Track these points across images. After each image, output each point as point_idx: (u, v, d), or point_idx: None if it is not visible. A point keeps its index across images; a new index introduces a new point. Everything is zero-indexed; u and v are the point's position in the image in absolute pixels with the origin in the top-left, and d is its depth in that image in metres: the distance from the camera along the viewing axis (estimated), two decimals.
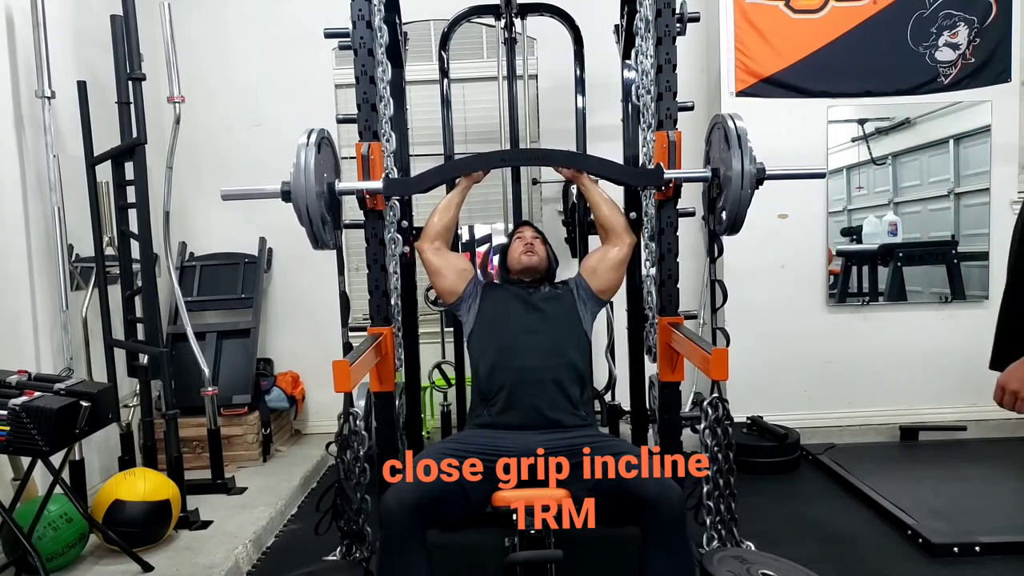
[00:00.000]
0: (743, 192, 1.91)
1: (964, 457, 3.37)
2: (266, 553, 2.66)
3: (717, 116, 2.06)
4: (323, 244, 2.02)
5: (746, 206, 1.95)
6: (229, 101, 3.85)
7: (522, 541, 1.82)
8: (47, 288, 2.77)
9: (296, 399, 3.79)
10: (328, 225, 2.04)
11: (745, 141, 1.93)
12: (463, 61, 3.64)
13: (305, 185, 1.90)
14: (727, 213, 2.01)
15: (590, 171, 2.32)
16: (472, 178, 2.32)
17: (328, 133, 2.09)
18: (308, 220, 1.93)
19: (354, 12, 2.13)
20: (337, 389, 1.76)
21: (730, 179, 1.94)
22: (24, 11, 2.67)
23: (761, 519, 2.67)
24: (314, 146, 1.94)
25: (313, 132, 1.98)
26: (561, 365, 2.14)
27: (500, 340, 2.21)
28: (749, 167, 1.91)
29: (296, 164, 1.91)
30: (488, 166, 2.34)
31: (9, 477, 2.49)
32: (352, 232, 2.93)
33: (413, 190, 2.35)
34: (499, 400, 2.10)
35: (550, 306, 2.31)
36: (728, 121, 1.98)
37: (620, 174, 2.37)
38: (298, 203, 1.91)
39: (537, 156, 2.37)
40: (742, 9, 3.55)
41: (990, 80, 3.57)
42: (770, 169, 1.96)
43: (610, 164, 2.25)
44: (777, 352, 3.64)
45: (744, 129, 1.96)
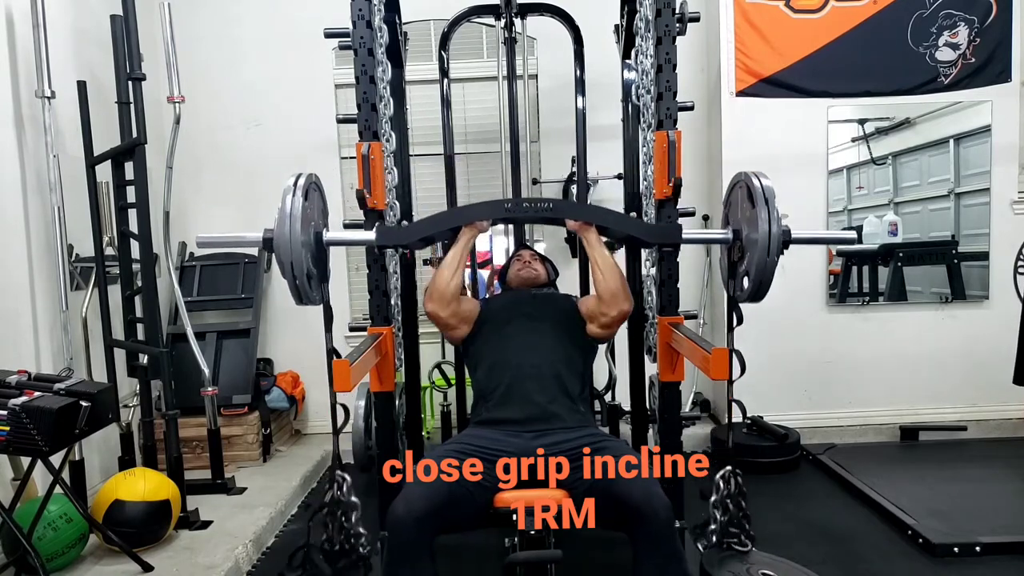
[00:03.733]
0: (769, 259, 1.75)
1: (964, 457, 3.37)
2: (266, 553, 2.66)
3: (740, 174, 1.92)
4: (308, 300, 1.79)
5: (772, 273, 1.78)
6: (229, 101, 3.85)
7: (522, 541, 1.82)
8: (47, 288, 2.77)
9: (296, 399, 3.79)
10: (314, 278, 1.83)
11: (772, 201, 1.76)
12: (463, 61, 3.64)
13: (290, 235, 1.69)
14: (751, 280, 1.83)
15: (602, 225, 2.14)
16: (476, 227, 2.17)
17: (317, 178, 1.90)
18: (292, 274, 1.72)
19: (354, 12, 2.13)
20: (337, 389, 1.76)
21: (755, 242, 1.78)
22: (24, 11, 2.67)
23: (761, 519, 2.66)
24: (301, 191, 1.75)
25: (301, 176, 1.80)
26: (560, 360, 2.13)
27: (499, 339, 2.21)
28: (776, 228, 1.74)
29: (281, 210, 1.71)
30: (491, 216, 2.20)
31: (9, 477, 2.49)
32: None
33: (408, 240, 2.15)
34: (497, 395, 2.09)
35: (550, 306, 2.32)
36: (753, 179, 1.82)
37: (635, 229, 2.20)
38: (281, 254, 1.70)
39: (546, 207, 2.14)
40: (742, 9, 3.55)
41: (990, 80, 3.57)
42: (797, 232, 1.81)
43: (625, 219, 2.10)
44: (777, 352, 3.64)
45: (771, 188, 1.79)
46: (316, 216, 1.89)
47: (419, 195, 3.35)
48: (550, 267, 2.62)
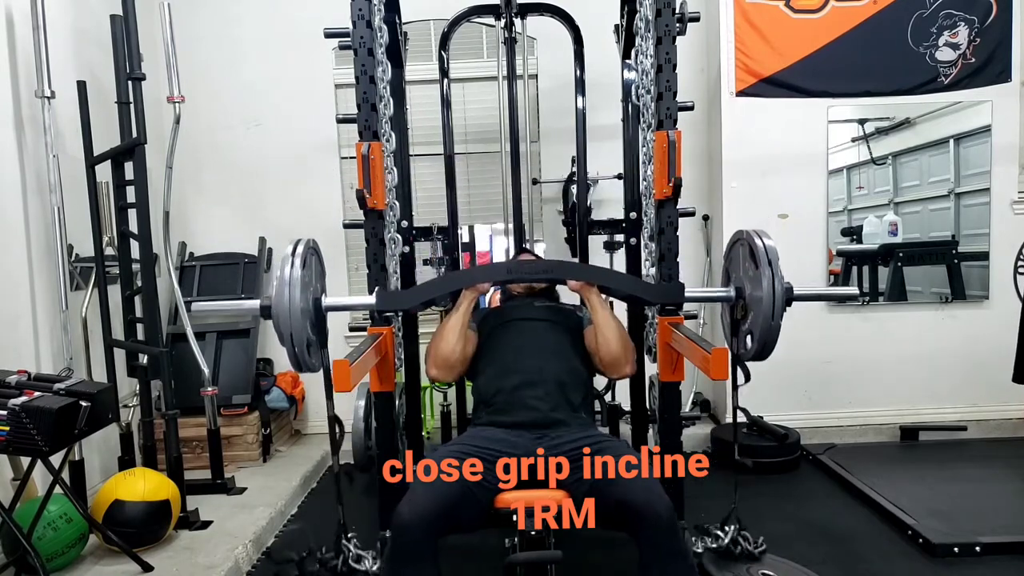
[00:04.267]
0: (774, 321, 1.78)
1: (964, 457, 3.37)
2: (266, 553, 2.66)
3: (739, 232, 1.94)
4: (306, 367, 1.81)
5: (776, 332, 1.81)
6: (229, 101, 3.85)
7: (522, 542, 1.82)
8: (47, 288, 2.77)
9: (296, 399, 3.79)
10: (313, 345, 1.84)
11: (776, 262, 1.78)
12: (463, 61, 3.64)
13: (289, 303, 1.70)
14: (756, 339, 1.87)
15: (603, 285, 2.15)
16: (477, 290, 2.17)
17: (315, 244, 1.90)
18: (291, 343, 1.73)
19: (354, 12, 2.13)
20: (337, 389, 1.76)
21: (759, 300, 1.81)
22: (24, 11, 2.67)
23: (761, 519, 2.66)
24: (300, 258, 1.76)
25: (300, 243, 1.81)
26: (564, 370, 2.12)
27: (501, 349, 2.19)
28: (779, 288, 1.77)
29: (279, 278, 1.73)
30: (492, 279, 2.20)
31: (9, 477, 2.49)
32: (352, 232, 2.94)
33: (409, 305, 2.15)
34: (499, 401, 2.08)
35: (553, 314, 2.31)
36: (755, 239, 1.84)
37: (636, 289, 2.20)
38: (280, 323, 1.72)
39: (546, 270, 2.15)
40: (742, 9, 3.55)
41: (990, 80, 3.57)
42: (799, 289, 1.82)
43: (626, 278, 2.08)
44: (777, 352, 3.60)
45: (774, 249, 1.80)
46: (314, 281, 1.88)
47: (419, 195, 3.35)
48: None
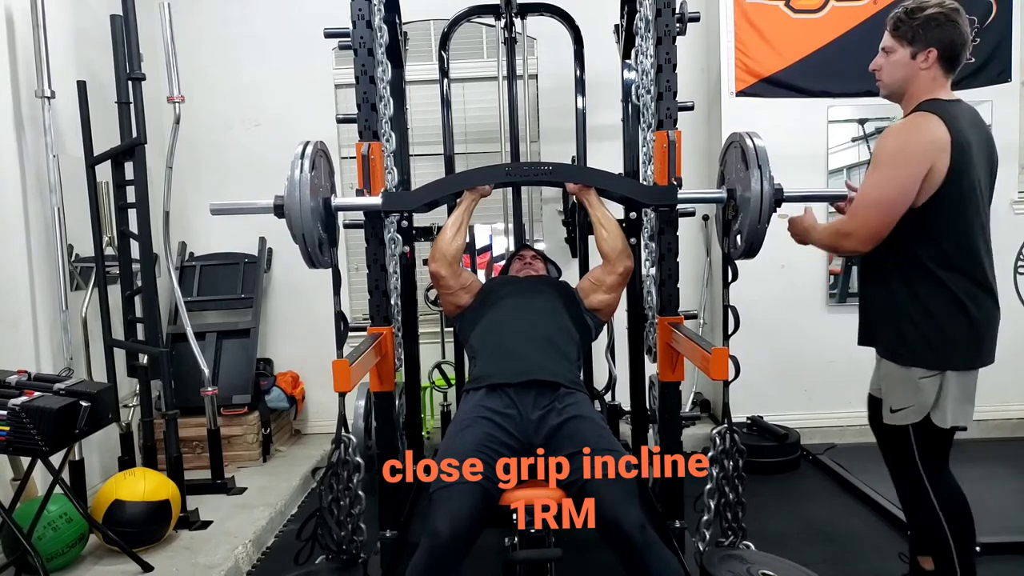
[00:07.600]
0: (762, 215, 1.84)
1: (964, 457, 3.34)
2: (266, 553, 2.66)
3: (734, 135, 2.00)
4: (318, 263, 1.93)
5: (764, 230, 1.88)
6: (229, 100, 3.85)
7: (522, 541, 1.82)
8: (47, 288, 2.77)
9: (296, 399, 3.79)
10: (324, 243, 1.95)
11: (765, 161, 1.85)
12: (463, 61, 3.64)
13: (300, 201, 1.80)
14: (744, 237, 1.93)
15: (601, 187, 2.21)
16: (479, 191, 2.23)
17: (324, 145, 1.99)
18: (303, 238, 1.85)
19: (354, 12, 2.13)
20: (337, 389, 1.76)
21: (748, 200, 1.86)
22: (24, 11, 2.67)
23: (761, 519, 2.67)
24: (309, 159, 1.85)
25: (309, 144, 1.89)
26: (556, 327, 2.13)
27: (495, 308, 2.21)
28: (768, 188, 1.83)
29: (290, 178, 1.82)
30: (492, 180, 2.23)
31: (9, 477, 2.49)
32: (352, 232, 2.94)
33: (413, 205, 2.23)
34: (489, 351, 2.08)
35: (545, 284, 2.34)
36: (746, 139, 1.90)
37: (632, 191, 2.26)
38: (292, 220, 1.83)
39: (546, 170, 2.21)
40: (742, 9, 3.55)
41: (990, 80, 3.57)
42: (789, 191, 1.89)
43: (621, 180, 2.15)
44: (777, 352, 3.64)
45: (763, 148, 1.87)
46: (323, 181, 1.97)
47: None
48: (552, 267, 2.61)
